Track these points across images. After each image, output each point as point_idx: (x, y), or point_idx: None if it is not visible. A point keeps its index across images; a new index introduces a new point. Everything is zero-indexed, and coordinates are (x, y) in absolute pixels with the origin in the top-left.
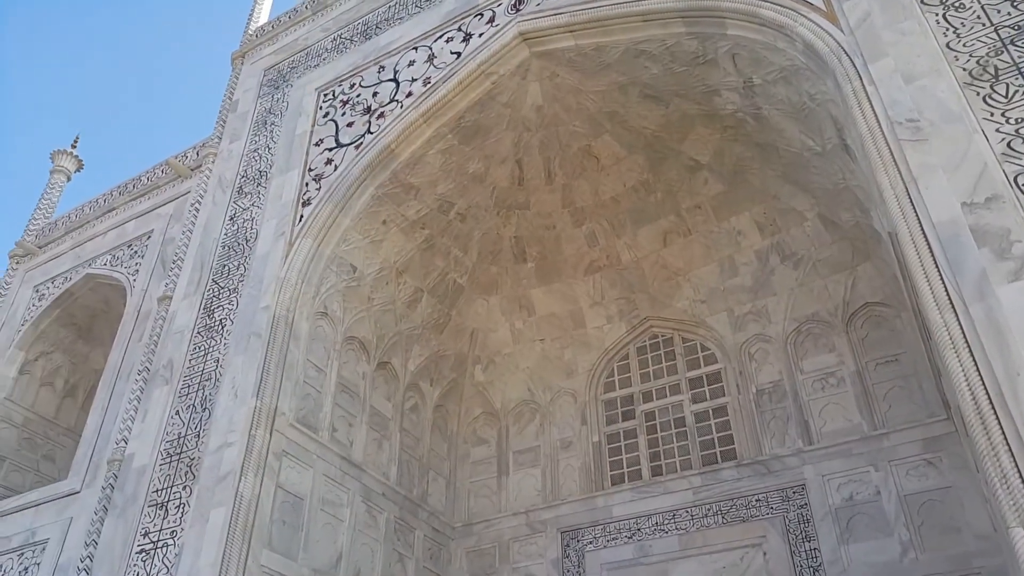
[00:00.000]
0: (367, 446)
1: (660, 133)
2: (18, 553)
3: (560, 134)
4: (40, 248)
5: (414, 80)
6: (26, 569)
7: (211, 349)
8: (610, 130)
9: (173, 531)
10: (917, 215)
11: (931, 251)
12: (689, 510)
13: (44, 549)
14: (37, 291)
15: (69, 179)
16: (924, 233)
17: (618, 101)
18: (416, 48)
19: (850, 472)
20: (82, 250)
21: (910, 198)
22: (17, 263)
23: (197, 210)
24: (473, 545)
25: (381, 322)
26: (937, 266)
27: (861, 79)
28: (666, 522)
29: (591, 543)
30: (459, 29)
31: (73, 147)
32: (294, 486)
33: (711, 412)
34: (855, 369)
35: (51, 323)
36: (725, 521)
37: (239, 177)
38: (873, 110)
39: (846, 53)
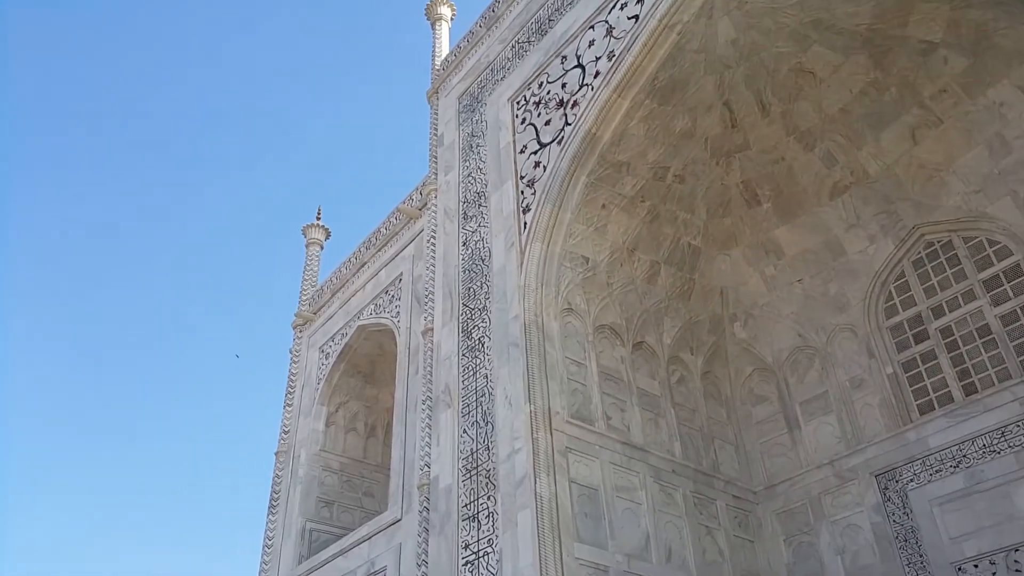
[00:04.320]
0: (644, 427)
1: (877, 25)
2: None
3: (764, 61)
4: (314, 314)
5: (598, 58)
6: None
7: (478, 367)
8: (818, 39)
9: (489, 539)
10: None
11: None
12: (1020, 424)
13: (385, 575)
14: (322, 351)
15: (322, 247)
16: None
17: (819, 6)
18: (592, 26)
19: None
20: (349, 306)
21: None
22: (300, 331)
23: (433, 245)
24: (781, 506)
25: (625, 304)
26: None
27: None
28: (995, 442)
29: (912, 480)
30: None
31: (318, 219)
32: (585, 478)
33: (1020, 311)
34: None
35: (340, 376)
36: None
37: (461, 204)
38: None
39: None
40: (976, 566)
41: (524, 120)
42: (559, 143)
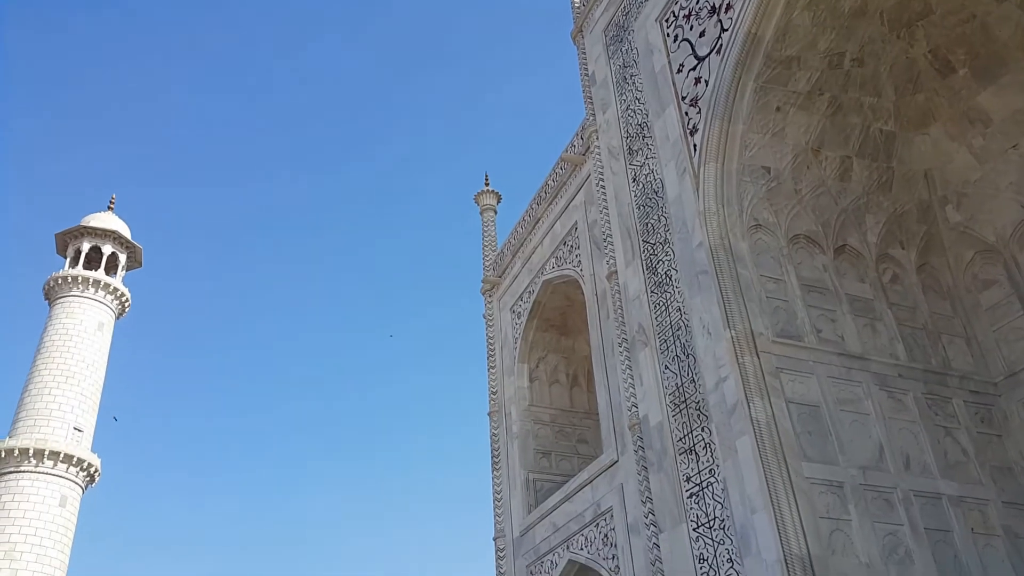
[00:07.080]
0: (860, 334)
1: None
2: (595, 524)
3: None
4: (499, 277)
5: None
6: (605, 535)
7: (669, 301)
8: None
9: (711, 470)
10: None
11: None
12: None
13: (612, 515)
14: (513, 311)
15: (495, 212)
16: None
17: None
18: None
19: None
20: (531, 264)
21: None
22: (490, 296)
23: (603, 187)
24: None
25: (819, 208)
26: None
27: None
28: None
29: None
30: None
31: (487, 185)
32: (803, 396)
33: None
34: None
35: (535, 332)
36: None
37: (624, 139)
38: None
39: None
40: None
41: (676, 37)
42: (718, 52)
